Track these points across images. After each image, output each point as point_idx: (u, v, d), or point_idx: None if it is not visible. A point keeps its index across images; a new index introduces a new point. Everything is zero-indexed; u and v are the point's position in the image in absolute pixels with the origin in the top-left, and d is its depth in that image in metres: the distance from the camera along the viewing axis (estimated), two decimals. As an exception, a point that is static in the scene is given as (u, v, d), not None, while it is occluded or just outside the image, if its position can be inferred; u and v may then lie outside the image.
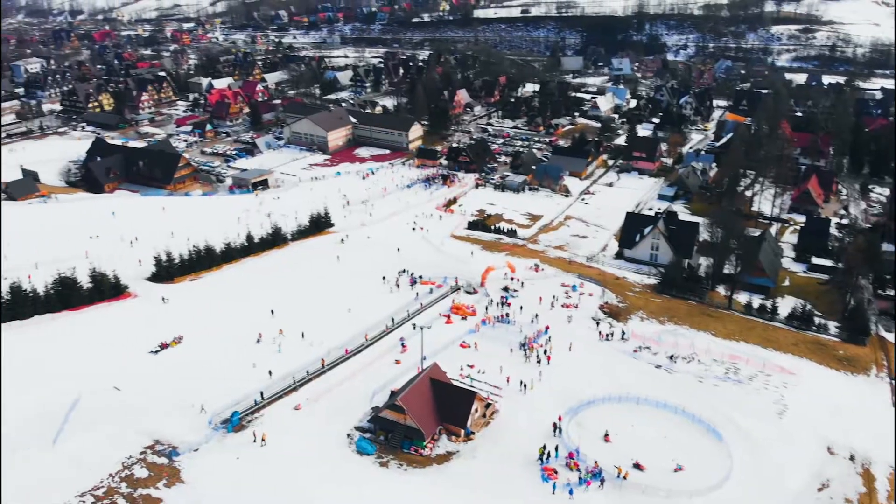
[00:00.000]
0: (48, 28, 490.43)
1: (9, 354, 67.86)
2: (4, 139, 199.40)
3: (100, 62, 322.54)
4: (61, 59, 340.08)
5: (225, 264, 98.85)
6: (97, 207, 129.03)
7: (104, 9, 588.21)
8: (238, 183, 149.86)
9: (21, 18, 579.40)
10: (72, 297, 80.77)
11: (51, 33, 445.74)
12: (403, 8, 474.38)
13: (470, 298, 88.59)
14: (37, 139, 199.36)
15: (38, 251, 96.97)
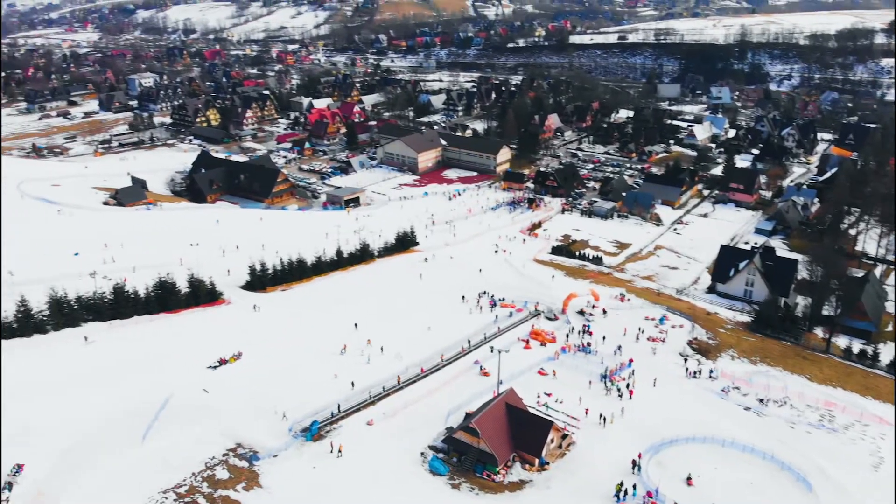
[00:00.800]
0: (163, 45, 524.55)
1: (109, 351, 72.13)
2: (117, 148, 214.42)
3: (209, 79, 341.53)
4: (173, 74, 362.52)
5: (315, 277, 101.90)
6: (199, 217, 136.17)
7: (216, 29, 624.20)
8: (331, 200, 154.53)
9: (138, 35, 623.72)
10: (170, 301, 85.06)
11: (165, 50, 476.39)
12: (499, 33, 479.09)
13: (551, 325, 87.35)
14: (147, 149, 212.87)
15: (141, 255, 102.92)
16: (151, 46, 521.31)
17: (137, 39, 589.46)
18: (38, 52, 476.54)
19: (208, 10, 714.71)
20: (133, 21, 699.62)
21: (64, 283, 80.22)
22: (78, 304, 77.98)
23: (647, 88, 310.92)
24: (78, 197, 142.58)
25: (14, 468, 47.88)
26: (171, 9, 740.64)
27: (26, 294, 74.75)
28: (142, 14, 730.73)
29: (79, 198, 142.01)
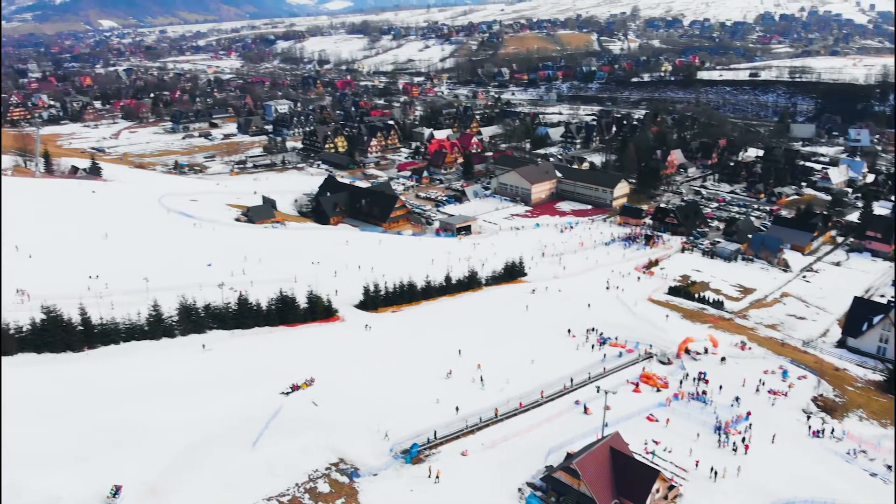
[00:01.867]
0: (298, 74, 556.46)
1: (228, 359, 76.24)
2: (251, 169, 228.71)
3: (339, 108, 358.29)
4: (307, 102, 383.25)
5: (424, 301, 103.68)
6: (321, 237, 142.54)
7: (348, 60, 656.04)
8: (444, 227, 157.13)
9: (277, 64, 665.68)
10: (289, 314, 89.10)
11: (300, 79, 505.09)
12: (624, 68, 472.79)
13: (663, 369, 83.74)
14: (278, 172, 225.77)
15: (266, 269, 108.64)
16: (288, 75, 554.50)
17: (276, 68, 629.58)
18: (185, 76, 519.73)
19: (342, 43, 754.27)
20: (273, 50, 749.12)
21: (194, 292, 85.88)
22: (205, 313, 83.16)
23: (778, 127, 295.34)
24: (213, 212, 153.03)
25: (113, 489, 49.32)
26: (308, 40, 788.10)
27: (160, 299, 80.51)
28: (281, 44, 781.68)
29: (214, 213, 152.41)
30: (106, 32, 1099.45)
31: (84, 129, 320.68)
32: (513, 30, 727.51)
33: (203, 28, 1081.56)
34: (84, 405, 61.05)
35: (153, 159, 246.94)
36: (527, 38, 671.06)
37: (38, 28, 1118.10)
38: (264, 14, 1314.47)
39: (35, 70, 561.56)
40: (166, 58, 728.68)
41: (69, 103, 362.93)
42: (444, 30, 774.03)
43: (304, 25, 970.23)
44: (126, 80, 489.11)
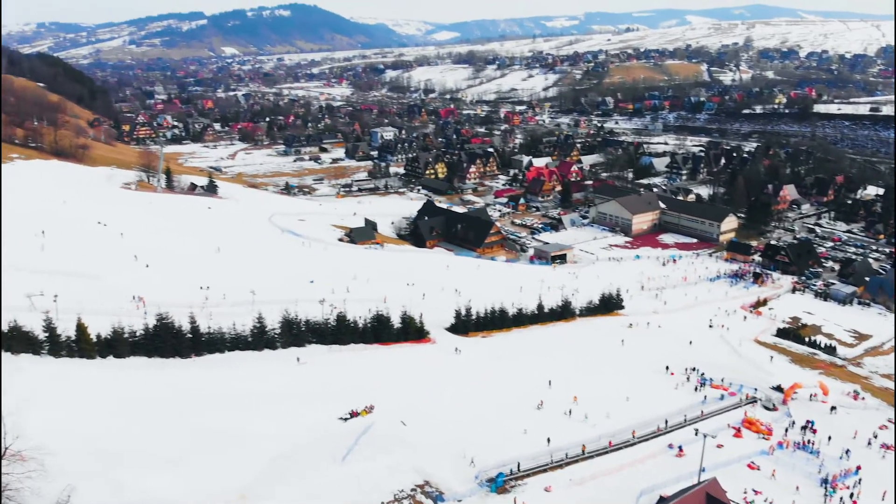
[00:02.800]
0: (405, 102, 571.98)
1: (324, 373, 78.51)
2: (355, 192, 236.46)
3: (441, 135, 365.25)
4: (411, 129, 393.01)
5: (514, 328, 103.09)
6: (417, 259, 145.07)
7: (452, 89, 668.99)
8: (539, 254, 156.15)
9: (384, 92, 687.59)
10: (383, 333, 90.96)
11: (406, 107, 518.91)
12: (734, 99, 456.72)
13: (768, 415, 79.12)
14: (381, 195, 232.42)
15: (364, 288, 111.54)
16: (395, 103, 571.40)
17: (384, 96, 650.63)
18: (299, 102, 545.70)
19: (448, 72, 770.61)
20: (381, 79, 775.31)
21: (296, 307, 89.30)
22: (305, 327, 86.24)
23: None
24: (319, 232, 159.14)
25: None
26: (415, 70, 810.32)
27: (264, 312, 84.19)
28: (389, 73, 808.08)
29: (319, 233, 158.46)
30: (228, 59, 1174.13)
31: (203, 149, 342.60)
32: (619, 59, 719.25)
33: (317, 57, 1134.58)
34: (188, 410, 64.30)
35: (266, 180, 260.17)
36: (633, 68, 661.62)
37: (166, 53, 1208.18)
38: (375, 44, 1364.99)
39: (161, 92, 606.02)
40: (282, 84, 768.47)
41: (191, 124, 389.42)
42: (549, 59, 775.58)
43: (412, 55, 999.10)
44: (244, 105, 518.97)
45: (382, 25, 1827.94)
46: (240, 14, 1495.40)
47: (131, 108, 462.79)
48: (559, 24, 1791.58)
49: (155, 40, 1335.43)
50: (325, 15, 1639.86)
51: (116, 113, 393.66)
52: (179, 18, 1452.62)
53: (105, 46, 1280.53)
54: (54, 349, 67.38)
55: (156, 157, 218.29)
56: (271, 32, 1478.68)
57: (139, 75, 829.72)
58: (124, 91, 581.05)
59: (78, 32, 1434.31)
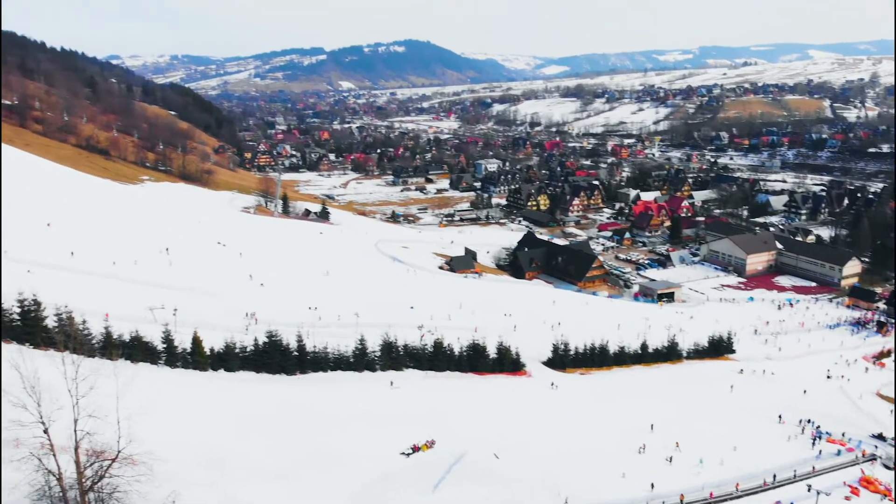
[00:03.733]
0: (510, 135, 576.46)
1: (418, 398, 79.12)
2: (458, 222, 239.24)
3: (545, 168, 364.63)
4: (515, 162, 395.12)
5: (615, 367, 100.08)
6: (515, 290, 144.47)
7: (559, 122, 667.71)
8: (644, 291, 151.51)
9: (491, 125, 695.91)
10: (479, 363, 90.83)
11: (511, 140, 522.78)
12: (859, 136, 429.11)
13: (888, 474, 72.44)
14: (482, 226, 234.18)
15: (461, 316, 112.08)
16: (500, 136, 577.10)
17: (490, 129, 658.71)
18: (408, 134, 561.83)
19: (554, 106, 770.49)
20: (488, 113, 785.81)
21: (396, 331, 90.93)
22: (404, 352, 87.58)
23: None
24: (421, 259, 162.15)
25: None
26: (522, 103, 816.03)
27: (366, 335, 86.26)
28: (497, 107, 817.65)
29: (421, 260, 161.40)
30: (344, 93, 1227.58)
31: (318, 177, 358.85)
32: (735, 94, 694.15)
33: (428, 91, 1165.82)
34: (291, 425, 66.45)
35: (374, 208, 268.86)
36: (750, 103, 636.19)
37: (288, 86, 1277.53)
38: (484, 79, 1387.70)
39: (282, 123, 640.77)
40: (394, 117, 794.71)
41: (308, 154, 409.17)
42: (660, 93, 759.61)
43: (519, 89, 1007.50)
44: (358, 137, 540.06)
45: (492, 61, 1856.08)
46: (357, 50, 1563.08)
47: (254, 137, 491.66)
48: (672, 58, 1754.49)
49: (278, 74, 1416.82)
50: (438, 51, 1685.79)
51: (240, 141, 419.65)
52: (301, 54, 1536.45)
53: (232, 79, 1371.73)
54: (171, 360, 71.68)
55: (274, 184, 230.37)
56: (386, 67, 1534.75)
57: (262, 106, 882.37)
58: (248, 121, 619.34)
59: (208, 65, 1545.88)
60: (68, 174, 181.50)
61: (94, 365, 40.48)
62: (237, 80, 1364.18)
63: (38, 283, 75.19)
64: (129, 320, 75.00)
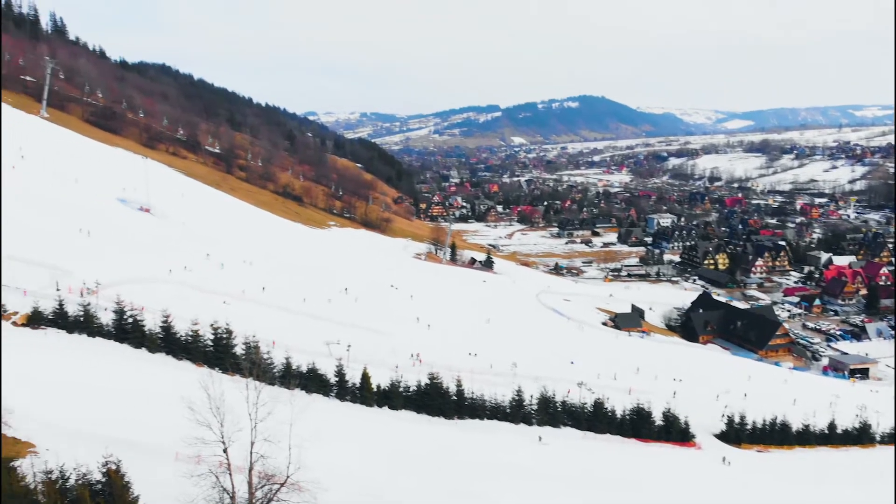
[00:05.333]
0: (686, 190, 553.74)
1: (578, 458, 76.58)
2: (624, 277, 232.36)
3: (724, 225, 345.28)
4: (691, 217, 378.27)
5: (797, 446, 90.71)
6: (686, 354, 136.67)
7: (741, 178, 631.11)
8: (834, 365, 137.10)
9: (665, 179, 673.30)
10: (643, 428, 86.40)
11: (687, 195, 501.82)
12: None
13: None
14: (651, 283, 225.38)
15: (626, 378, 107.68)
16: (675, 190, 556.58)
17: (664, 183, 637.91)
18: (576, 188, 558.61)
19: (737, 161, 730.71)
20: (663, 167, 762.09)
21: (554, 385, 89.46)
22: (562, 408, 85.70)
23: None
24: (583, 313, 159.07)
25: None
26: (700, 158, 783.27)
27: (523, 386, 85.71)
28: (672, 161, 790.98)
29: (583, 314, 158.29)
30: (516, 148, 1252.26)
31: (486, 227, 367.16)
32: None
33: (600, 145, 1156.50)
34: (447, 469, 67.11)
35: (537, 259, 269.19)
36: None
37: (463, 142, 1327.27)
38: (660, 133, 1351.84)
39: (455, 177, 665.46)
40: (563, 171, 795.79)
41: (477, 206, 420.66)
42: (857, 150, 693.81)
43: (698, 143, 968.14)
44: (525, 189, 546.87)
45: (670, 115, 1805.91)
46: (531, 107, 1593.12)
47: (429, 189, 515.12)
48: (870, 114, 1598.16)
49: (455, 130, 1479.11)
50: (612, 105, 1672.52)
51: (416, 192, 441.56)
52: (478, 111, 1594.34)
53: (413, 135, 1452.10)
54: (341, 393, 75.75)
55: (444, 233, 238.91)
56: (558, 122, 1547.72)
57: (439, 161, 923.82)
58: (425, 174, 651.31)
59: (393, 122, 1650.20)
60: (266, 217, 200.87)
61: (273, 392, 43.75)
62: (418, 135, 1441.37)
63: (231, 314, 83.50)
64: (307, 353, 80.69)
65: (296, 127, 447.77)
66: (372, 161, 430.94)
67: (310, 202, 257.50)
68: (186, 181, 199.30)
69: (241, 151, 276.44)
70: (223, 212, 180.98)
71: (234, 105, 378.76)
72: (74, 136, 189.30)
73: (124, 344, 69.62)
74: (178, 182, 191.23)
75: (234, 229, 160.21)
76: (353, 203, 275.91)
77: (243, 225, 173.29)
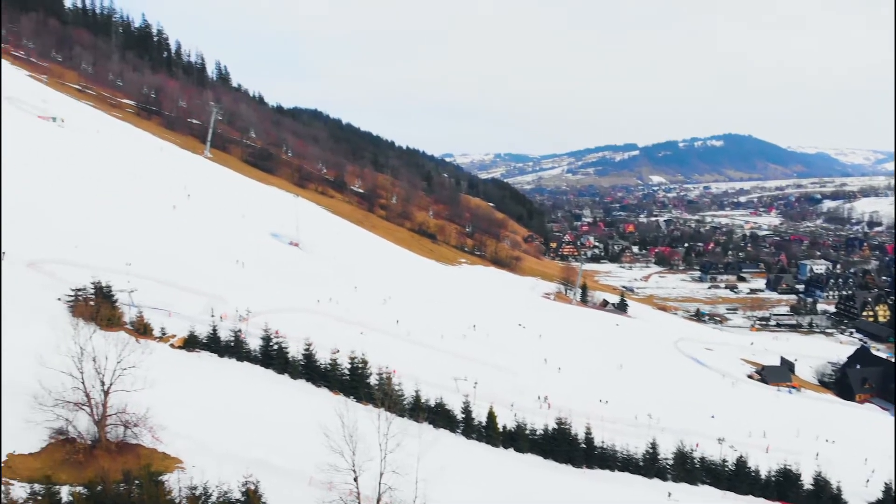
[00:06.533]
0: (843, 235, 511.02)
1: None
2: (773, 327, 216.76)
3: (885, 274, 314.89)
4: (847, 265, 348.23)
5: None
6: (842, 413, 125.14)
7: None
8: None
9: (819, 223, 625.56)
10: (789, 492, 79.51)
11: (844, 240, 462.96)
12: None
13: None
14: (803, 334, 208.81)
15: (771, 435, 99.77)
16: (830, 235, 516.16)
17: (818, 227, 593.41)
18: (721, 229, 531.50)
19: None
20: (817, 210, 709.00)
21: (692, 440, 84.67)
22: (700, 464, 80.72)
23: None
24: (725, 364, 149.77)
25: None
26: (859, 200, 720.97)
27: (658, 437, 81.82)
28: (827, 203, 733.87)
29: (726, 365, 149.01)
30: (654, 187, 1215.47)
31: (619, 269, 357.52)
32: None
33: (746, 186, 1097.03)
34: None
35: (676, 304, 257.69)
36: None
37: (597, 181, 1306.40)
38: (814, 173, 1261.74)
39: (588, 216, 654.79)
40: (705, 211, 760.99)
41: (611, 246, 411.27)
42: None
43: (856, 185, 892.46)
44: (664, 230, 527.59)
45: (823, 155, 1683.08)
46: (671, 145, 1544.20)
47: (560, 228, 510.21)
48: None
49: (589, 169, 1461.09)
50: (760, 144, 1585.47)
51: (547, 231, 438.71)
52: (614, 150, 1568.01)
53: (546, 174, 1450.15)
54: (468, 431, 75.97)
55: (575, 273, 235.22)
56: (700, 162, 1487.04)
57: (571, 200, 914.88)
58: (556, 213, 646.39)
59: (526, 162, 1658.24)
60: (402, 253, 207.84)
61: (402, 424, 44.93)
62: (551, 175, 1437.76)
63: (367, 345, 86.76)
64: (435, 386, 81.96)
65: (433, 168, 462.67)
66: (503, 200, 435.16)
67: (443, 240, 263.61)
68: (332, 218, 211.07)
69: (383, 191, 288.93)
70: (364, 247, 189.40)
71: (378, 147, 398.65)
72: (234, 174, 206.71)
73: (269, 369, 74.23)
74: (324, 219, 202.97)
75: (373, 264, 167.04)
76: (484, 241, 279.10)
77: (381, 260, 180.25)
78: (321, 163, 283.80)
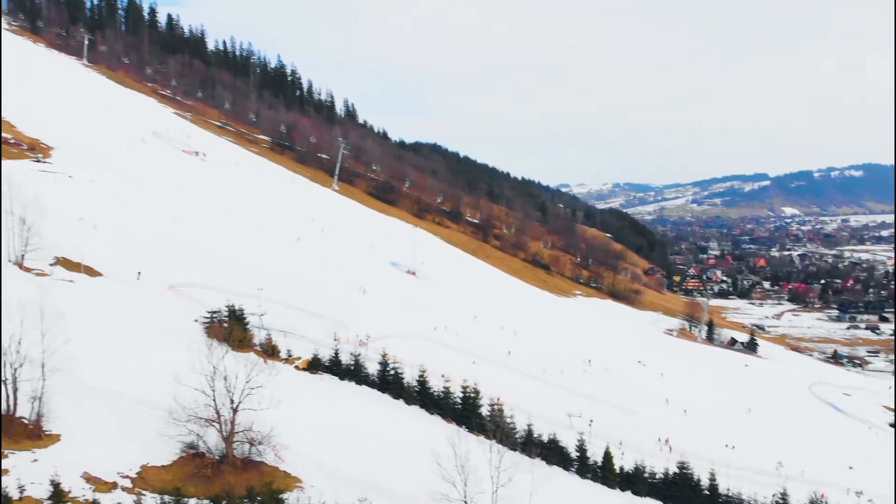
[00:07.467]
0: None
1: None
2: None
3: None
4: None
5: None
6: None
7: None
8: None
9: None
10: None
11: None
12: None
13: None
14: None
15: None
16: None
17: None
18: (861, 265, 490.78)
19: None
20: None
21: (828, 493, 78.15)
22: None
23: None
24: (867, 411, 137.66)
25: None
26: None
27: (789, 489, 75.87)
28: None
29: (867, 412, 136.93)
30: (787, 219, 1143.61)
31: (749, 305, 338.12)
32: None
33: (889, 219, 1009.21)
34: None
35: (811, 344, 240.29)
36: None
37: (725, 212, 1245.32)
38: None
39: (715, 248, 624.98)
40: (843, 246, 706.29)
41: (740, 281, 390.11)
42: None
43: None
44: (798, 265, 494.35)
45: None
46: (806, 175, 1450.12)
47: (684, 261, 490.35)
48: None
49: (716, 200, 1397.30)
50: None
51: (669, 264, 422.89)
52: (743, 180, 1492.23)
53: (669, 205, 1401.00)
54: (582, 470, 73.72)
55: (700, 309, 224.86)
56: (837, 193, 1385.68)
57: (696, 231, 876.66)
58: (680, 245, 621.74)
59: (647, 192, 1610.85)
60: (515, 284, 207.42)
61: (514, 458, 44.44)
62: (674, 205, 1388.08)
63: (479, 374, 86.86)
64: (548, 421, 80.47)
65: (548, 198, 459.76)
66: (622, 231, 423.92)
67: (557, 270, 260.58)
68: (447, 248, 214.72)
69: (497, 222, 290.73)
70: (478, 277, 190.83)
71: (493, 179, 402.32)
72: (358, 206, 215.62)
73: (385, 394, 75.99)
74: (440, 249, 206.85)
75: (486, 294, 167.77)
76: (601, 273, 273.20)
77: (494, 290, 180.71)
78: (439, 194, 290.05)
